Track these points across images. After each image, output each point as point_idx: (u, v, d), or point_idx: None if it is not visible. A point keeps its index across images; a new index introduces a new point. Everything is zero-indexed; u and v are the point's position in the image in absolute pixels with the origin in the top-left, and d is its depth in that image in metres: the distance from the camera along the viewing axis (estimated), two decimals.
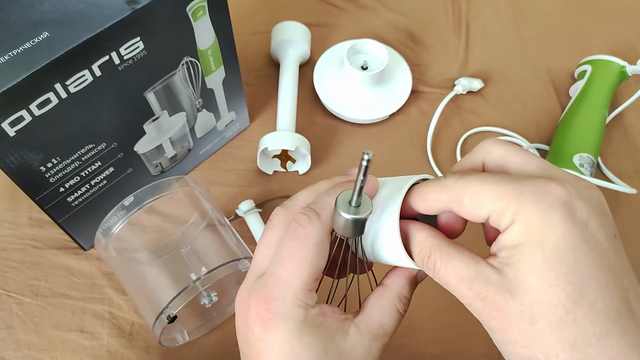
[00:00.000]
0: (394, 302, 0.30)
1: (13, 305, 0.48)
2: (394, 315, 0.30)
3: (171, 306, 0.39)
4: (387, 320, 0.29)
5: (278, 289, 0.27)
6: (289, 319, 0.27)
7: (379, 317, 0.29)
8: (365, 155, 0.23)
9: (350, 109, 0.58)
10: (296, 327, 0.27)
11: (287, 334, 0.27)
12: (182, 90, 0.46)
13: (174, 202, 0.45)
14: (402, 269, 0.31)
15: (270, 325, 0.27)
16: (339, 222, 0.27)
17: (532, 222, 0.23)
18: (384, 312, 0.30)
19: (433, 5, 0.70)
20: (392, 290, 0.30)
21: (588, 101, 0.56)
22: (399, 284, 0.31)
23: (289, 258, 0.28)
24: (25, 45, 0.34)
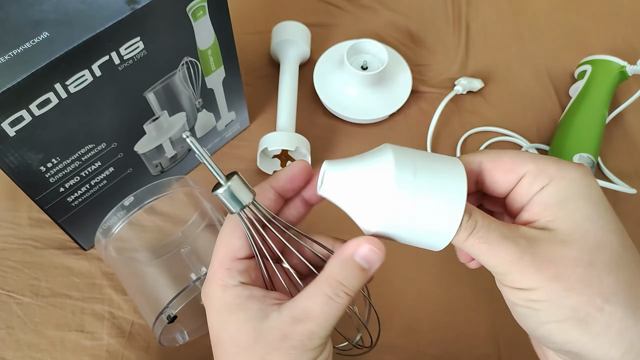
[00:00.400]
0: (322, 285, 0.28)
1: (13, 305, 0.48)
2: (319, 299, 0.27)
3: (171, 306, 0.39)
4: (312, 305, 0.27)
5: (209, 270, 0.30)
6: (210, 297, 0.29)
7: (304, 301, 0.28)
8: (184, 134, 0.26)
9: (350, 109, 0.58)
10: (214, 306, 0.29)
11: (211, 312, 0.29)
12: (182, 90, 0.46)
13: (174, 202, 0.45)
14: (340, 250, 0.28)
15: (206, 304, 0.30)
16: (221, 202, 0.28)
17: (575, 178, 0.26)
18: (310, 295, 0.28)
19: (433, 5, 0.70)
20: (322, 274, 0.28)
21: (588, 101, 0.56)
22: (330, 266, 0.28)
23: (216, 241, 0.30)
24: (25, 45, 0.34)
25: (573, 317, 0.25)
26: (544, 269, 0.25)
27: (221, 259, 0.29)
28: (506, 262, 0.25)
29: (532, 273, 0.25)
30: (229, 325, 0.28)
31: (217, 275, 0.29)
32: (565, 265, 0.25)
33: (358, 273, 0.28)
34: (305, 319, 0.27)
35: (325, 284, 0.27)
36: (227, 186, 0.28)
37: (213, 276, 0.29)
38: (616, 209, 0.55)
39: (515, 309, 0.27)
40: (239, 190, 0.28)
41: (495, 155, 0.28)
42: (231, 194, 0.28)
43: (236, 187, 0.28)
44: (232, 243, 0.29)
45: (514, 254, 0.25)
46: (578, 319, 0.25)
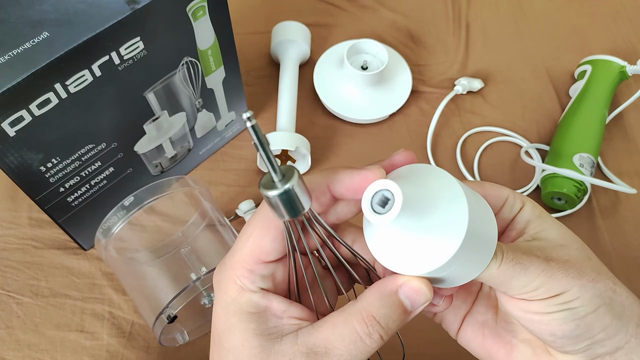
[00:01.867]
0: (353, 319, 0.24)
1: (13, 305, 0.48)
2: (347, 336, 0.23)
3: (171, 306, 0.39)
4: (335, 339, 0.23)
5: (226, 257, 0.27)
6: (222, 292, 0.26)
7: (326, 332, 0.24)
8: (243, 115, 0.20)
9: (350, 109, 0.58)
10: (226, 303, 0.25)
11: (219, 307, 0.26)
12: (182, 90, 0.46)
13: (174, 202, 0.45)
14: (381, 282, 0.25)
15: (215, 291, 0.27)
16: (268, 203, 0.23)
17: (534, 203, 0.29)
18: (335, 327, 0.24)
19: (433, 5, 0.70)
20: (356, 304, 0.24)
21: (588, 101, 0.56)
22: (367, 299, 0.24)
23: (242, 232, 0.26)
24: (25, 45, 0.34)
25: (603, 303, 0.26)
26: (568, 269, 0.26)
27: (245, 257, 0.25)
28: (538, 274, 0.25)
29: (561, 277, 0.26)
30: (235, 332, 0.25)
31: (237, 272, 0.25)
32: (576, 263, 0.26)
33: (399, 314, 0.24)
34: (324, 354, 0.23)
35: (357, 317, 0.23)
36: (287, 188, 0.22)
37: (232, 269, 0.26)
38: (616, 209, 0.55)
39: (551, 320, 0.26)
40: (299, 194, 0.23)
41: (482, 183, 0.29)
42: (289, 198, 0.22)
43: (297, 191, 0.22)
44: (263, 244, 0.25)
45: (542, 265, 0.26)
46: (606, 304, 0.26)
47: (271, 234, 0.25)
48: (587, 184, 0.52)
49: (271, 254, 0.25)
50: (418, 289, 0.24)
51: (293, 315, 0.25)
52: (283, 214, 0.23)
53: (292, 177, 0.22)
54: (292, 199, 0.22)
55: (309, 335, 0.24)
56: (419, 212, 0.23)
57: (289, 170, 0.23)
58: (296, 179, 0.22)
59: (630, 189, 0.50)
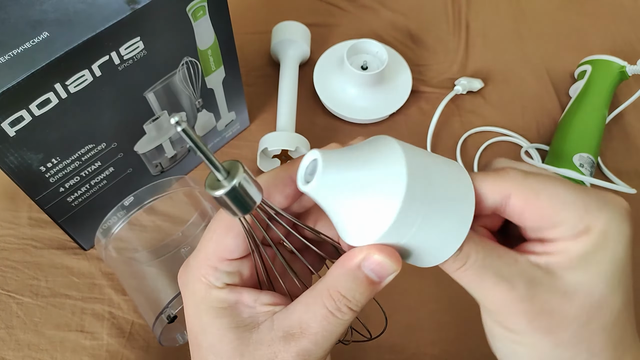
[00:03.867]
0: (322, 296, 0.24)
1: (13, 305, 0.48)
2: (318, 313, 0.23)
3: (171, 306, 0.39)
4: (309, 318, 0.23)
5: (191, 258, 0.26)
6: (190, 292, 0.26)
7: (300, 313, 0.24)
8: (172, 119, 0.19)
9: (350, 109, 0.58)
10: (195, 303, 0.25)
11: (189, 308, 0.26)
12: (182, 90, 0.46)
13: (174, 202, 0.45)
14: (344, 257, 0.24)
15: (182, 294, 0.26)
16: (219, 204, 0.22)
17: (609, 232, 0.23)
18: (307, 306, 0.24)
19: (433, 5, 0.70)
20: (322, 282, 0.24)
21: (588, 101, 0.56)
22: (334, 275, 0.24)
23: (206, 230, 0.26)
24: (25, 45, 0.34)
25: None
26: (538, 320, 0.23)
27: (209, 255, 0.25)
28: (497, 303, 0.24)
29: (523, 321, 0.23)
30: (210, 330, 0.25)
31: (201, 271, 0.25)
32: (561, 321, 0.23)
33: (365, 287, 0.24)
34: (300, 334, 0.23)
35: (326, 295, 0.23)
36: (232, 186, 0.21)
37: (196, 269, 0.25)
38: None
39: (494, 342, 0.26)
40: (247, 189, 0.21)
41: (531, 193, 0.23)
42: (236, 196, 0.21)
43: (245, 186, 0.21)
44: (225, 242, 0.25)
45: (508, 298, 0.23)
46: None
47: (233, 232, 0.25)
48: (587, 184, 0.52)
49: (234, 251, 0.25)
50: (381, 262, 0.23)
51: (265, 302, 0.25)
52: (235, 212, 0.22)
53: (236, 174, 0.21)
54: (240, 196, 0.21)
55: (284, 318, 0.24)
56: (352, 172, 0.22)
57: (233, 166, 0.21)
58: (241, 174, 0.21)
59: (630, 189, 0.50)
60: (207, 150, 0.20)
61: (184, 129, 0.19)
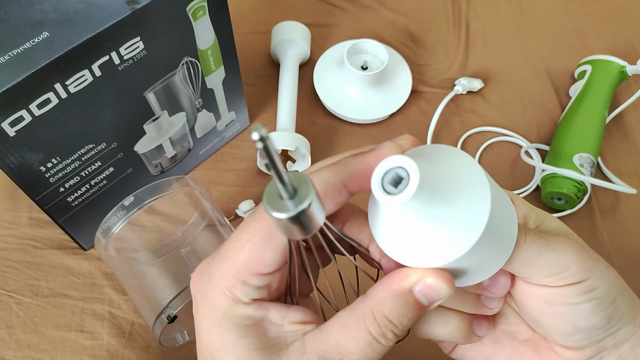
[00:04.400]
0: (364, 318, 0.22)
1: (13, 305, 0.48)
2: (360, 338, 0.21)
3: (171, 306, 0.39)
4: (348, 343, 0.21)
5: (211, 264, 0.23)
6: (210, 305, 0.23)
7: (337, 336, 0.22)
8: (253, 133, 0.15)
9: (350, 109, 0.58)
10: (216, 318, 0.23)
11: (207, 322, 0.23)
12: (182, 90, 0.46)
13: (174, 202, 0.45)
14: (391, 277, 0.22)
15: (196, 302, 0.24)
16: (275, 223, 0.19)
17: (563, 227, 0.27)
18: (346, 329, 0.22)
19: (433, 5, 0.70)
20: (366, 302, 0.22)
21: (588, 101, 0.56)
22: (379, 297, 0.22)
23: (234, 237, 0.23)
24: (25, 45, 0.34)
25: (619, 292, 0.25)
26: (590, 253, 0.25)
27: (239, 267, 0.22)
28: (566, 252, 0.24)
29: (586, 259, 0.24)
30: (233, 350, 0.22)
31: (226, 283, 0.22)
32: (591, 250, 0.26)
33: (414, 311, 0.22)
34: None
35: (370, 319, 0.21)
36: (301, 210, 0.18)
37: (220, 279, 0.23)
38: (616, 209, 0.55)
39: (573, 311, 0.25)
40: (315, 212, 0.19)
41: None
42: (303, 219, 0.18)
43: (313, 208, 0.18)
44: (262, 256, 0.22)
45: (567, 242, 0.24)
46: (620, 294, 0.26)
47: (273, 244, 0.22)
48: (587, 184, 0.52)
49: (271, 266, 0.22)
50: (435, 287, 0.21)
51: (294, 320, 0.23)
52: (294, 235, 0.19)
53: (306, 195, 0.18)
54: (306, 219, 0.18)
55: (318, 341, 0.22)
56: (436, 196, 0.20)
57: (302, 183, 0.18)
58: (312, 196, 0.18)
59: (630, 189, 0.50)
60: (280, 166, 0.17)
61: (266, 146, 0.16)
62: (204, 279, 0.24)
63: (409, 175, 0.19)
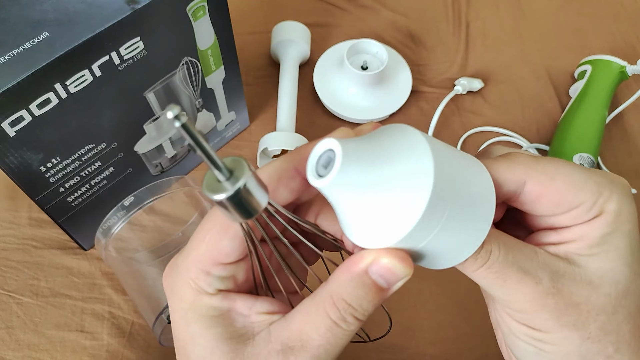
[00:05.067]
0: (324, 305, 0.21)
1: (13, 305, 0.48)
2: (321, 323, 0.21)
3: None
4: (310, 329, 0.21)
5: (178, 258, 0.24)
6: (177, 297, 0.23)
7: (299, 323, 0.22)
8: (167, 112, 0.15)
9: (350, 109, 0.58)
10: (184, 310, 0.23)
11: (177, 315, 0.23)
12: (182, 90, 0.46)
13: (174, 202, 0.45)
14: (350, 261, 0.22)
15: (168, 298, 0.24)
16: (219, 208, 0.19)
17: (622, 212, 0.22)
18: (308, 315, 0.22)
19: (433, 5, 0.70)
20: (325, 289, 0.22)
21: (588, 101, 0.56)
22: (338, 281, 0.21)
23: (197, 230, 0.23)
24: (25, 45, 0.34)
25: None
26: (566, 315, 0.22)
27: (201, 258, 0.22)
28: (522, 301, 0.22)
29: (550, 317, 0.22)
30: (200, 340, 0.22)
31: (191, 274, 0.23)
32: (588, 312, 0.22)
33: (374, 294, 0.21)
34: (300, 348, 0.21)
35: (329, 303, 0.21)
36: (236, 190, 0.18)
37: (185, 272, 0.23)
38: None
39: (515, 341, 0.24)
40: (253, 192, 0.18)
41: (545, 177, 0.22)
42: (241, 199, 0.18)
43: (251, 188, 0.18)
44: (220, 245, 0.22)
45: (533, 294, 0.22)
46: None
47: (230, 233, 0.22)
48: None
49: (230, 255, 0.22)
50: (390, 268, 0.20)
51: (261, 310, 0.23)
52: (237, 217, 0.19)
53: (241, 174, 0.18)
54: (245, 200, 0.18)
55: (282, 329, 0.22)
56: (372, 170, 0.19)
57: (237, 164, 0.18)
58: (247, 175, 0.18)
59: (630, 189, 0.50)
60: (207, 147, 0.17)
61: (184, 124, 0.16)
62: (172, 273, 0.24)
63: (335, 153, 0.19)
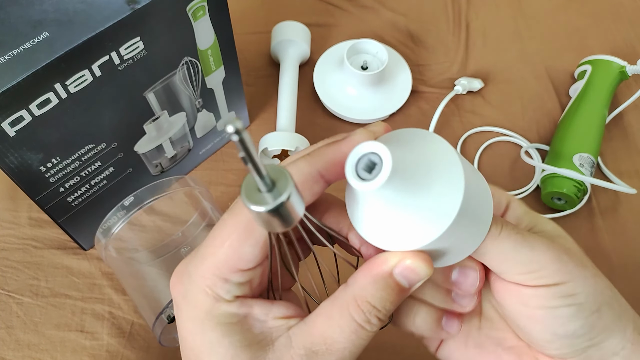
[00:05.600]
0: (348, 307, 0.22)
1: (13, 305, 0.48)
2: (346, 326, 0.21)
3: (171, 306, 0.39)
4: (334, 332, 0.22)
5: (189, 265, 0.23)
6: (192, 305, 0.23)
7: (322, 327, 0.22)
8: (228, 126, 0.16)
9: (350, 109, 0.58)
10: (199, 318, 0.22)
11: (190, 323, 0.23)
12: (182, 90, 0.46)
13: (174, 202, 0.45)
14: (371, 263, 0.22)
15: (177, 304, 0.23)
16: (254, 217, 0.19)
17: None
18: (331, 319, 0.22)
19: (433, 5, 0.70)
20: (348, 291, 0.22)
21: (588, 101, 0.56)
22: (360, 284, 0.22)
23: (212, 235, 0.23)
24: (25, 45, 0.34)
25: (604, 302, 0.24)
26: (574, 258, 0.24)
27: (219, 265, 0.22)
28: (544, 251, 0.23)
29: (567, 261, 0.24)
30: (218, 349, 0.22)
31: (207, 282, 0.22)
32: (583, 255, 0.25)
33: (396, 294, 0.22)
34: (325, 352, 0.21)
35: (353, 306, 0.22)
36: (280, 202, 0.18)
37: (201, 278, 0.23)
38: (616, 209, 0.55)
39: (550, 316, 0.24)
40: (294, 204, 0.19)
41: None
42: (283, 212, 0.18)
43: (292, 202, 0.18)
44: (242, 251, 0.22)
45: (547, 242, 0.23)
46: (607, 303, 0.24)
47: (252, 239, 0.22)
48: (587, 184, 0.52)
49: (251, 261, 0.22)
50: (414, 268, 0.22)
51: (278, 315, 0.23)
52: (275, 228, 0.19)
53: (285, 188, 0.18)
54: (286, 212, 0.18)
55: (304, 334, 0.22)
56: (410, 180, 0.20)
57: (280, 175, 0.18)
58: (291, 188, 0.18)
59: (630, 189, 0.50)
60: (258, 161, 0.17)
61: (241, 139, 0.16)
62: (183, 280, 0.23)
63: (382, 161, 0.19)
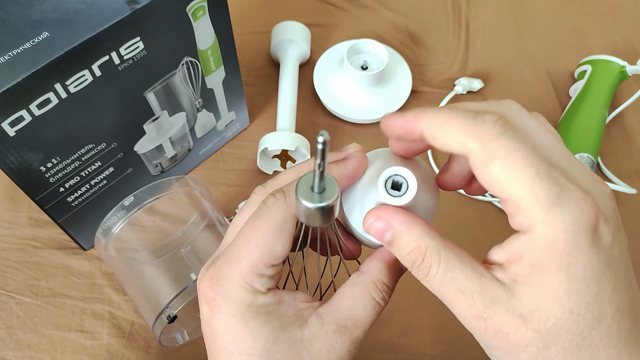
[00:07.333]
0: (368, 288, 0.27)
1: (13, 305, 0.48)
2: (368, 304, 0.27)
3: (171, 306, 0.39)
4: (359, 310, 0.26)
5: (224, 267, 0.26)
6: (233, 302, 0.26)
7: (348, 306, 0.27)
8: (319, 137, 0.20)
9: (350, 109, 0.58)
10: (240, 312, 0.25)
11: (231, 318, 0.26)
12: (182, 90, 0.46)
13: (174, 202, 0.45)
14: (380, 252, 0.28)
15: (214, 306, 0.26)
16: (300, 210, 0.24)
17: (558, 242, 0.21)
18: (355, 299, 0.27)
19: (433, 5, 0.70)
20: (366, 276, 0.27)
21: (588, 101, 0.56)
22: (375, 269, 0.27)
23: (243, 237, 0.26)
24: (25, 45, 0.34)
25: None
26: (496, 339, 0.23)
27: (255, 262, 0.25)
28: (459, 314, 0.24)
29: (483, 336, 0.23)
30: (262, 335, 0.25)
31: (245, 278, 0.26)
32: (517, 343, 0.22)
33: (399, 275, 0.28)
34: (353, 326, 0.26)
35: (373, 287, 0.27)
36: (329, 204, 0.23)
37: (239, 278, 0.26)
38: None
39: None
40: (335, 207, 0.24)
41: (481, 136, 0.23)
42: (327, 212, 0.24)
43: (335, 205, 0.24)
44: (275, 249, 0.26)
45: (466, 314, 0.23)
46: None
47: (283, 237, 0.26)
48: None
49: (282, 257, 0.26)
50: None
51: (302, 300, 0.27)
52: (314, 222, 0.24)
53: (334, 194, 0.23)
54: (328, 211, 0.24)
55: (333, 312, 0.26)
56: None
57: (331, 184, 0.24)
58: (338, 194, 0.23)
59: (630, 189, 0.50)
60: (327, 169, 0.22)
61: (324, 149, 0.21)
62: (221, 282, 0.26)
63: (408, 182, 0.25)
